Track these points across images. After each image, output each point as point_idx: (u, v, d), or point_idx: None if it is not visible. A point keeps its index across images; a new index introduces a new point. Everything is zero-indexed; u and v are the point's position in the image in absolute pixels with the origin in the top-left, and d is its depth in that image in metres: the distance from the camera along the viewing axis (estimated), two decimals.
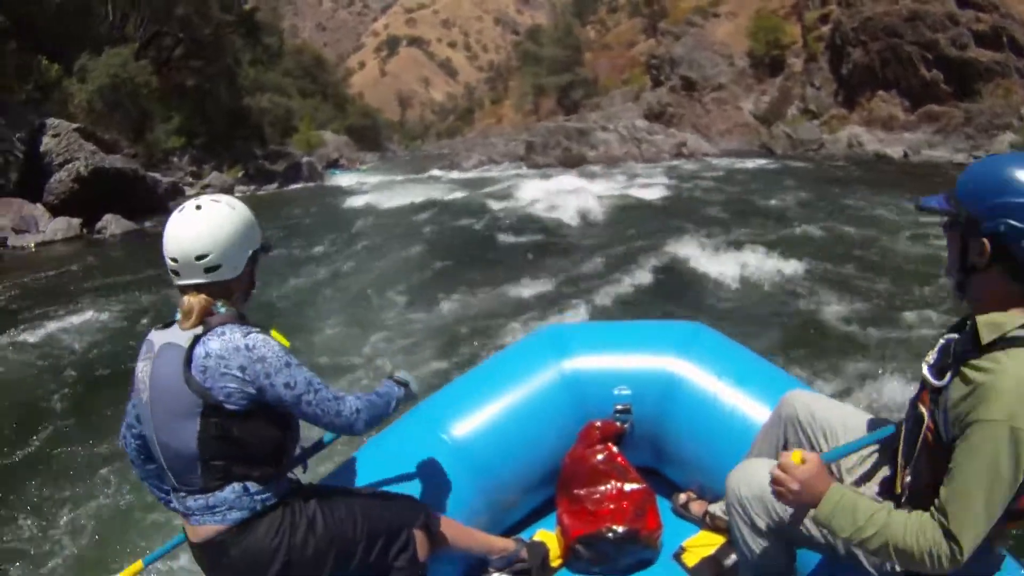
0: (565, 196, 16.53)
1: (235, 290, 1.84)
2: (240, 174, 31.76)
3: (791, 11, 46.36)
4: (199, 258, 1.74)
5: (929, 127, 29.37)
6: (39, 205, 15.23)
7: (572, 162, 28.30)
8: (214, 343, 1.71)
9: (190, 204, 1.80)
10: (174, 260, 1.75)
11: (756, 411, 2.46)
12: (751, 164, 26.67)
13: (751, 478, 1.85)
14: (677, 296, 8.01)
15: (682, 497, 2.66)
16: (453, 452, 2.42)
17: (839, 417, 2.02)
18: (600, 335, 2.86)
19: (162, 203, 18.43)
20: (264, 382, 1.72)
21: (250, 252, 1.85)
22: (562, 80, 77.25)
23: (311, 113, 63.32)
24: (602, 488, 2.50)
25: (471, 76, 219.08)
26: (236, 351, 1.70)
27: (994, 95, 27.43)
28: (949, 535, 1.42)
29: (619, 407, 2.59)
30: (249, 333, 1.75)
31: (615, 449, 2.55)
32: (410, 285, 9.13)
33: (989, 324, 1.46)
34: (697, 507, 2.60)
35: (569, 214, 14.01)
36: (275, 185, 31.22)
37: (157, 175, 19.17)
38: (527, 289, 8.51)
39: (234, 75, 37.83)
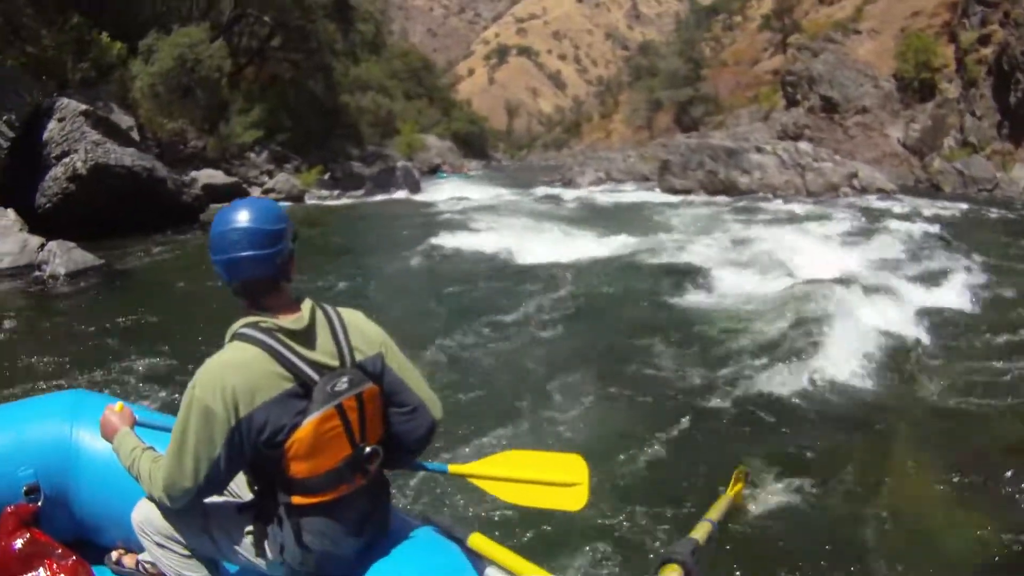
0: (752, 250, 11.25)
1: None
2: (326, 176, 28.09)
3: (941, 30, 41.49)
4: None
5: None
6: (10, 212, 10.90)
7: (717, 188, 22.71)
8: None
9: None
10: None
11: None
12: (931, 204, 20.04)
13: (146, 511, 2.05)
14: None
15: (114, 555, 2.60)
16: None
17: None
18: None
19: (191, 213, 14.00)
20: None
21: None
22: (682, 95, 72.24)
23: (415, 116, 60.09)
24: (35, 573, 2.36)
25: (580, 89, 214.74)
26: None
27: None
28: (160, 470, 1.81)
29: (27, 486, 2.48)
30: None
31: (37, 530, 2.44)
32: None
33: (229, 330, 1.82)
34: (129, 560, 2.57)
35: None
36: (361, 192, 27.34)
37: (178, 176, 14.63)
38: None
39: (330, 69, 34.11)
